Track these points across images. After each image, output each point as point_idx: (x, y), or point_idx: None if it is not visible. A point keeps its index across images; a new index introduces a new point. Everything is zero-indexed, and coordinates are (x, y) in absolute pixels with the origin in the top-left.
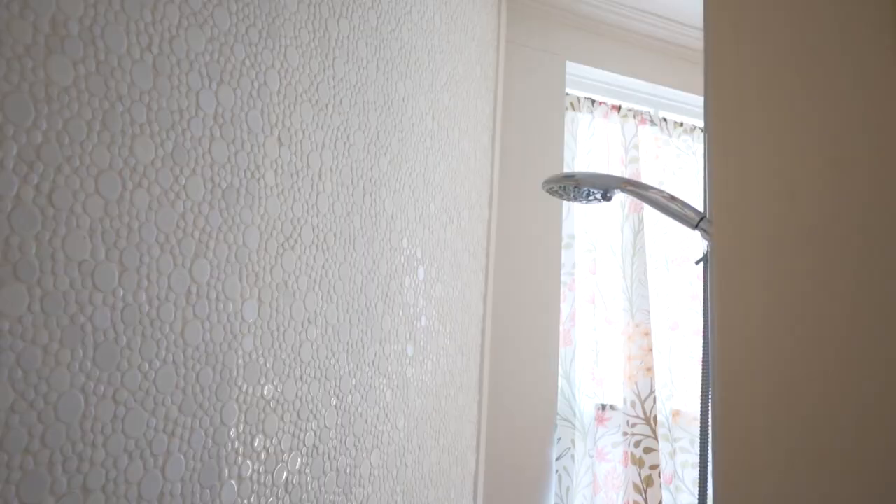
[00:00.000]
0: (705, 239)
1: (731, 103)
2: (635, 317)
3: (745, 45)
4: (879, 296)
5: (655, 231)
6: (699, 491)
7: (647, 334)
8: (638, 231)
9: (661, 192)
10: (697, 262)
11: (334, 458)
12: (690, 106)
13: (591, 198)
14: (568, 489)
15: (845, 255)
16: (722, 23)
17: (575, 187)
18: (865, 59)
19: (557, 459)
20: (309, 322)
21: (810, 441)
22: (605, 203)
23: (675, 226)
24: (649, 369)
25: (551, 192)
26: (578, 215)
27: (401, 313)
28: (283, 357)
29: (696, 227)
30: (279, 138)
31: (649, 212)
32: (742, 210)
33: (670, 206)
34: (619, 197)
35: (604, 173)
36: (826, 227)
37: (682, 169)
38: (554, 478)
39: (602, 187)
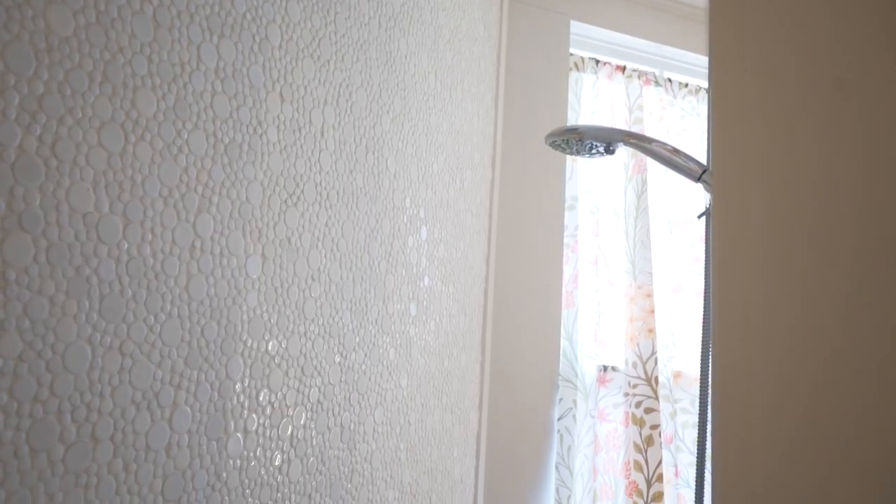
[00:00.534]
0: (707, 192)
1: (735, 53)
2: (637, 278)
3: (747, 3)
4: (883, 250)
5: (659, 193)
6: (698, 451)
7: (650, 296)
8: (641, 192)
9: (664, 144)
10: (700, 217)
11: (338, 413)
12: (696, 66)
13: (593, 151)
14: (569, 448)
15: (846, 210)
16: None
17: (578, 140)
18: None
19: (559, 419)
20: (312, 279)
21: (815, 405)
22: (607, 157)
23: (678, 187)
24: (651, 330)
25: (554, 145)
26: (581, 177)
27: (404, 273)
28: (287, 313)
29: (698, 179)
30: (281, 94)
31: (653, 173)
32: (743, 159)
33: (673, 159)
34: (623, 158)
35: (606, 126)
36: (826, 174)
37: (687, 130)
38: (555, 437)
39: (605, 140)
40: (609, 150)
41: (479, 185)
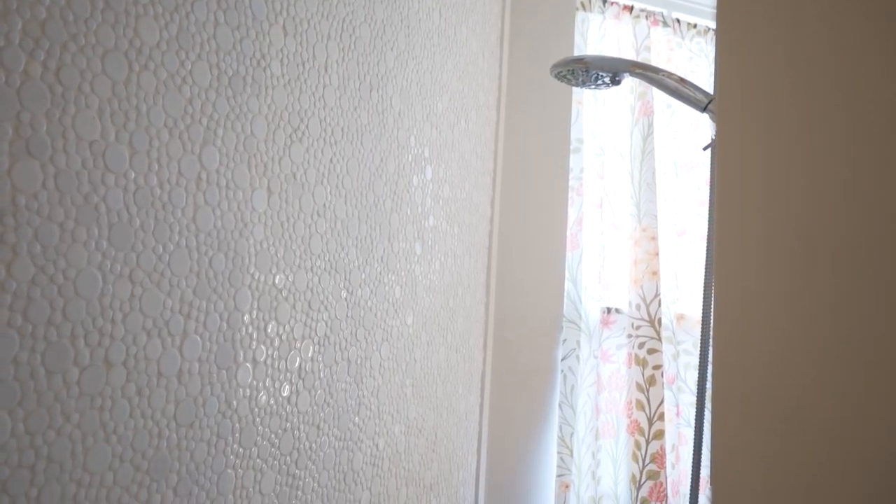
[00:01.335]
0: (713, 121)
1: None
2: (642, 221)
3: None
4: (886, 179)
5: (665, 136)
6: (698, 392)
7: (654, 239)
8: (647, 135)
9: (670, 74)
10: (705, 149)
11: (345, 348)
12: (704, 6)
13: (599, 82)
14: (573, 387)
15: (850, 135)
16: None
17: (584, 70)
18: None
19: (563, 360)
20: (318, 215)
21: (816, 347)
22: (613, 88)
23: (685, 130)
24: (655, 273)
25: (559, 76)
26: (587, 119)
27: (409, 212)
28: (293, 248)
29: (704, 109)
30: (284, 27)
31: (659, 116)
32: (747, 86)
33: (680, 89)
34: (629, 101)
35: (612, 56)
36: (831, 101)
37: (694, 72)
38: (559, 377)
39: (611, 70)
40: (615, 81)
41: (483, 127)
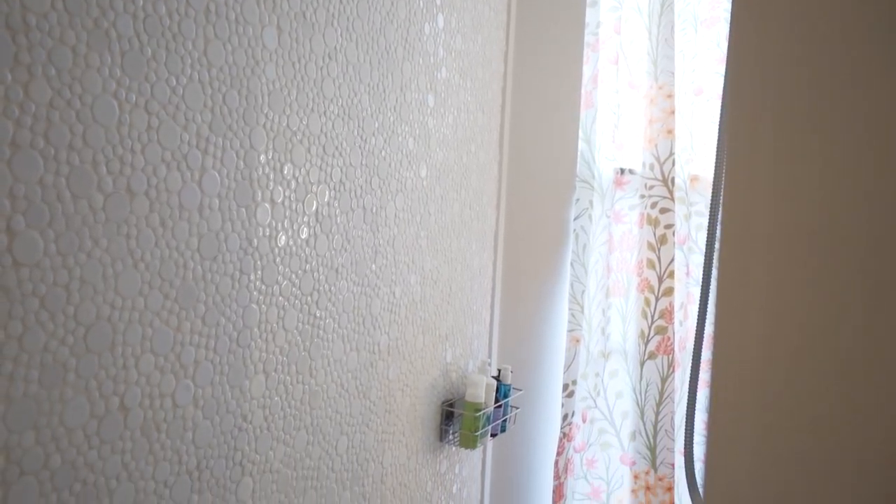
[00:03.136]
0: None
1: None
2: (658, 79)
3: None
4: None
5: None
6: (706, 252)
7: (671, 97)
8: None
9: None
10: None
11: (360, 196)
12: None
13: None
14: (584, 246)
15: None
16: None
17: None
18: None
19: (575, 219)
20: (329, 58)
21: (813, 211)
22: None
23: None
24: (670, 132)
25: None
26: None
27: (421, 61)
28: (305, 90)
29: None
30: None
31: None
32: None
33: None
34: None
35: None
36: None
37: None
38: (571, 236)
39: None
40: None
41: None
